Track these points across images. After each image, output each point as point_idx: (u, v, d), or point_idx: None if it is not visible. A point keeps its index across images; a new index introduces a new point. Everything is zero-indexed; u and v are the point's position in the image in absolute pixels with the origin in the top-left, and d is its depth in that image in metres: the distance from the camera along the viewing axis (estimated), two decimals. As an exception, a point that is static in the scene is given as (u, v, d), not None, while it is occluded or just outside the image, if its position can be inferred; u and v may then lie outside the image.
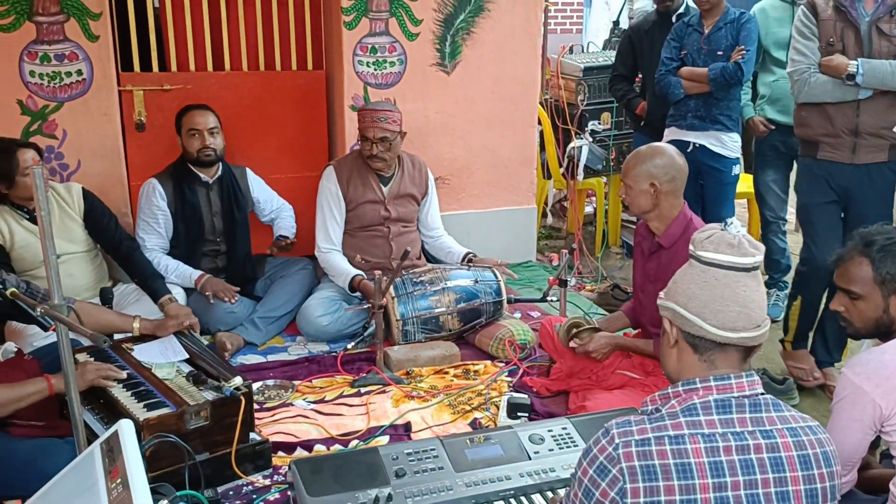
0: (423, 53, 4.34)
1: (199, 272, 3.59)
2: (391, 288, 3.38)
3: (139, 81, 4.00)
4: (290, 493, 2.39)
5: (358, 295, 3.62)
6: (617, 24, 6.20)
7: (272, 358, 3.46)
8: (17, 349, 2.93)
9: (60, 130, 3.79)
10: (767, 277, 4.34)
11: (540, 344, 3.44)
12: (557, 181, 5.27)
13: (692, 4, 4.16)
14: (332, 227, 3.74)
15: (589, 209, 5.91)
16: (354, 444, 2.76)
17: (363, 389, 3.15)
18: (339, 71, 4.28)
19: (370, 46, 4.23)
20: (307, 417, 2.94)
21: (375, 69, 4.27)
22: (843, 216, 3.38)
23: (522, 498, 2.19)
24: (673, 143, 3.96)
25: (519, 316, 3.85)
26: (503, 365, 3.36)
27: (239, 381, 2.50)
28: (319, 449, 2.72)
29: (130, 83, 3.97)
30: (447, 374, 3.30)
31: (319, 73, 4.39)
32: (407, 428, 2.87)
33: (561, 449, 2.35)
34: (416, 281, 3.49)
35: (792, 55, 3.33)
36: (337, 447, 2.74)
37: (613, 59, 4.83)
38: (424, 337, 3.47)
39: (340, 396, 3.11)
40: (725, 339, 1.48)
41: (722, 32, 3.83)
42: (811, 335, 3.52)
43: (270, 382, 3.17)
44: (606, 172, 5.20)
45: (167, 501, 1.84)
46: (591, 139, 5.04)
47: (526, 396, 2.92)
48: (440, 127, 4.45)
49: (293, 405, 3.03)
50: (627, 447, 1.41)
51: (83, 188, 3.45)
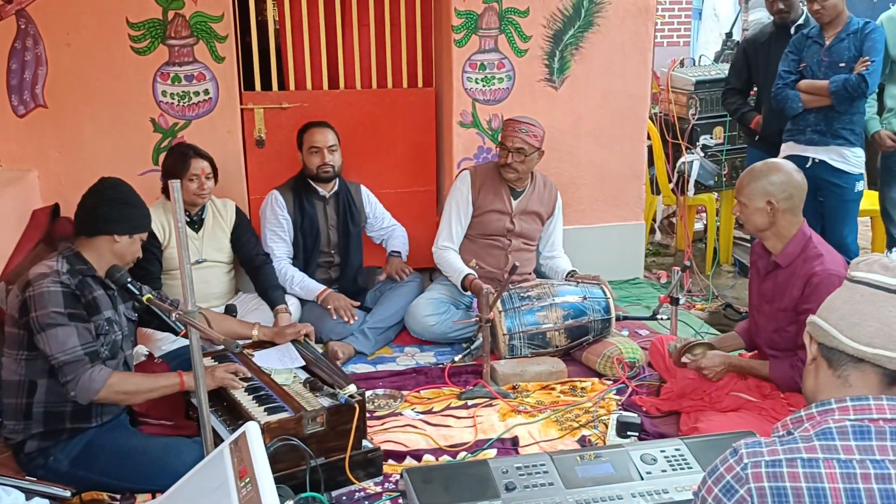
0: (531, 69, 4.37)
1: (321, 287, 3.73)
2: (499, 302, 3.40)
3: (260, 100, 4.19)
4: (401, 501, 2.44)
5: (467, 296, 3.68)
6: (730, 35, 6.05)
7: (381, 368, 3.54)
8: (148, 353, 3.12)
9: (188, 147, 4.02)
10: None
11: (650, 363, 3.38)
12: (666, 197, 5.18)
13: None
14: (455, 227, 3.83)
15: (698, 226, 5.76)
16: (462, 455, 2.79)
17: (470, 402, 3.18)
18: (448, 88, 4.35)
19: (479, 63, 4.29)
20: (416, 427, 2.99)
21: (484, 85, 4.32)
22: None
23: (634, 518, 2.16)
24: (791, 158, 3.82)
25: (627, 334, 3.80)
26: (611, 383, 3.32)
27: (353, 388, 2.58)
28: (428, 459, 2.77)
29: (252, 102, 4.17)
30: (554, 389, 3.29)
31: (429, 90, 4.48)
32: (514, 442, 2.88)
33: (674, 470, 2.30)
34: (523, 296, 3.50)
35: None
36: (445, 458, 2.77)
37: (726, 72, 4.71)
38: (531, 352, 3.48)
39: (448, 408, 3.15)
40: (860, 353, 1.42)
41: (844, 44, 3.68)
42: None
43: (380, 392, 3.25)
44: (718, 188, 5.07)
45: (291, 502, 1.91)
46: (702, 154, 4.93)
47: (636, 415, 2.88)
48: (548, 142, 4.40)
49: (402, 415, 3.09)
50: (757, 468, 1.37)
51: (236, 206, 3.72)
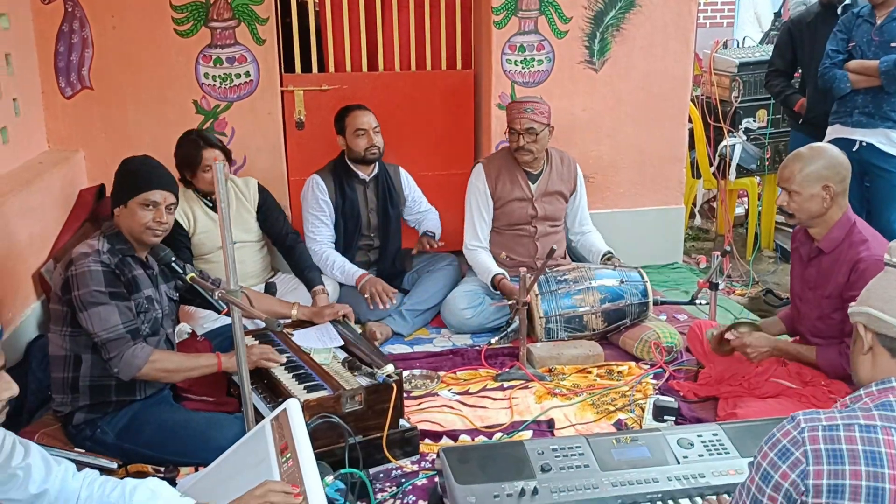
0: (571, 51, 4.33)
1: (361, 271, 3.75)
2: (535, 285, 3.40)
3: (300, 82, 4.22)
4: (437, 479, 2.46)
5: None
6: (778, 15, 5.92)
7: (418, 349, 3.57)
8: (191, 330, 3.19)
9: (230, 128, 4.07)
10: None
11: (688, 347, 3.36)
12: (707, 181, 5.11)
13: (861, -6, 3.92)
14: (479, 224, 3.80)
15: (739, 210, 5.67)
16: (498, 436, 2.81)
17: (506, 384, 3.19)
18: (487, 69, 4.34)
19: (518, 45, 4.27)
20: (452, 408, 3.01)
21: (523, 67, 4.30)
22: None
23: (670, 502, 2.15)
24: (836, 141, 3.76)
25: (665, 318, 3.77)
26: (648, 367, 3.30)
27: (391, 368, 2.61)
28: (464, 439, 2.79)
29: (292, 84, 4.20)
30: (590, 373, 3.29)
31: (468, 72, 4.47)
32: (550, 424, 2.89)
33: (711, 455, 2.28)
34: (560, 279, 3.50)
35: None
36: (481, 438, 2.79)
37: (770, 53, 4.62)
38: (567, 335, 3.47)
39: (484, 389, 3.17)
40: None
41: (896, 23, 3.59)
42: None
43: (417, 372, 3.27)
44: (761, 172, 4.99)
45: (331, 477, 1.95)
46: (744, 137, 4.85)
47: (673, 400, 2.87)
48: (586, 124, 4.42)
49: (438, 395, 3.11)
50: (814, 431, 1.39)
51: (258, 183, 3.71)
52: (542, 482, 2.17)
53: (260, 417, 2.42)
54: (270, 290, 3.23)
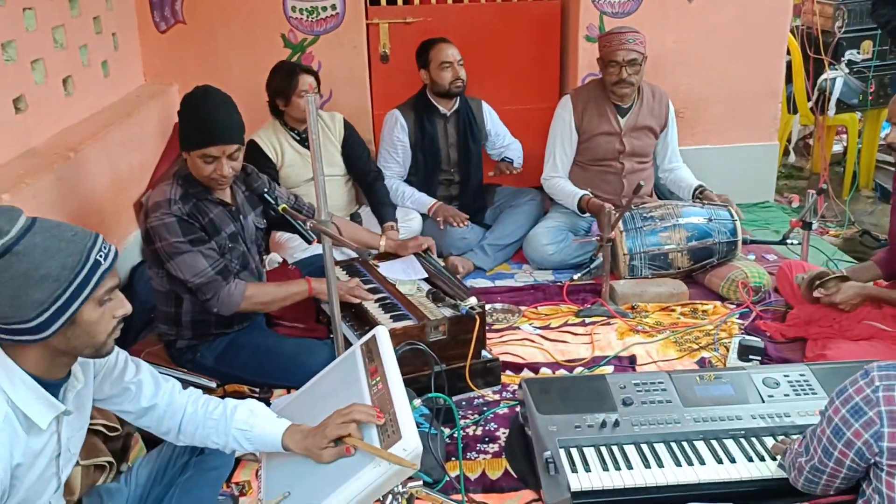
0: (664, -21, 4.16)
1: (433, 200, 3.79)
2: (620, 222, 3.36)
3: (385, 15, 4.21)
4: (518, 409, 2.51)
5: (585, 219, 3.64)
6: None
7: (499, 283, 3.61)
8: (281, 259, 3.30)
9: (316, 62, 4.11)
10: None
11: (776, 288, 3.28)
12: (804, 116, 4.88)
13: None
14: (560, 156, 3.77)
15: (837, 148, 5.41)
16: (579, 370, 2.84)
17: (588, 320, 3.21)
18: (574, 0, 4.22)
19: (609, -27, 4.13)
20: (533, 342, 3.05)
21: (613, -3, 4.16)
22: None
23: (753, 439, 2.15)
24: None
25: (753, 258, 3.68)
26: (735, 307, 3.25)
27: (474, 301, 2.66)
28: (545, 372, 2.84)
29: (377, 17, 4.20)
30: (674, 311, 3.27)
31: (555, 2, 4.35)
32: (632, 360, 2.90)
33: (798, 395, 2.26)
34: (646, 216, 3.45)
35: None
36: (562, 372, 2.83)
37: (881, -21, 4.32)
38: (652, 273, 3.44)
39: (565, 325, 3.19)
40: None
41: None
42: None
43: (498, 306, 3.32)
44: (863, 107, 4.73)
45: (419, 401, 2.02)
46: (846, 70, 4.60)
47: (759, 340, 2.83)
48: (678, 57, 4.27)
49: (520, 329, 3.15)
50: (889, 391, 1.35)
51: (344, 118, 3.75)
52: (623, 415, 2.20)
53: (348, 344, 2.51)
54: (355, 221, 3.29)
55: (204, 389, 2.39)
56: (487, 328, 3.06)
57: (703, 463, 2.07)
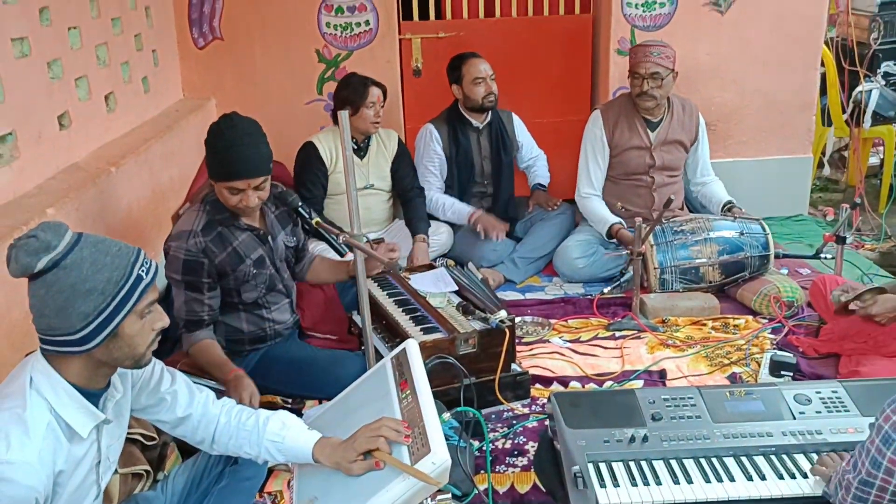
0: (695, -8, 4.16)
1: (472, 209, 3.82)
2: (651, 236, 3.36)
3: (418, 30, 4.27)
4: (547, 423, 2.52)
5: (615, 241, 3.66)
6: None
7: (530, 296, 3.62)
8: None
9: (350, 77, 4.17)
10: None
11: (809, 302, 3.25)
12: (839, 128, 4.83)
13: None
14: (594, 172, 3.78)
15: (873, 160, 5.34)
16: (609, 384, 2.84)
17: (618, 333, 3.21)
18: (606, 14, 4.24)
19: (640, -13, 4.14)
20: (563, 355, 3.06)
21: (644, 10, 4.17)
22: None
23: (784, 456, 2.13)
24: None
25: (786, 272, 3.65)
26: (767, 321, 3.23)
27: (504, 314, 2.67)
28: (575, 385, 2.84)
29: (410, 31, 4.25)
30: (705, 325, 3.25)
31: (586, 16, 4.38)
32: (662, 375, 2.89)
33: (830, 412, 2.23)
34: (676, 230, 3.44)
35: None
36: (592, 386, 2.83)
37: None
38: (683, 287, 3.43)
39: (595, 338, 3.19)
40: None
41: None
42: None
43: (528, 319, 3.33)
44: (900, 119, 4.68)
45: (449, 414, 2.05)
46: (883, 82, 4.55)
47: (791, 355, 2.81)
48: (711, 69, 4.26)
49: (549, 342, 3.16)
50: None
51: (399, 137, 3.83)
52: (652, 430, 2.20)
53: (378, 356, 2.55)
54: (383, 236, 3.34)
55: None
56: (517, 341, 3.08)
57: (732, 479, 2.06)
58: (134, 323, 1.52)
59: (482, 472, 2.33)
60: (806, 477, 2.04)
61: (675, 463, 2.12)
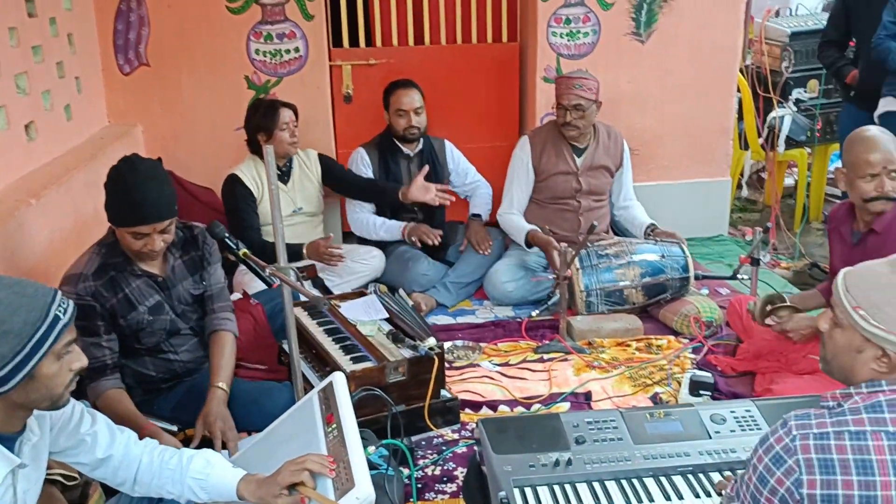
0: (617, 23, 4.31)
1: (404, 223, 3.87)
2: (577, 260, 3.46)
3: (348, 57, 4.30)
4: (476, 448, 2.57)
5: (541, 256, 3.72)
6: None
7: (461, 320, 3.67)
8: (243, 292, 3.31)
9: (279, 103, 4.17)
10: None
11: (727, 322, 3.39)
12: (755, 152, 5.05)
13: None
14: (517, 194, 3.87)
15: (789, 181, 5.60)
16: (536, 407, 2.91)
17: (546, 356, 3.28)
18: (532, 42, 4.35)
19: (564, 17, 4.26)
20: (492, 379, 3.11)
21: (569, 40, 4.30)
22: None
23: (701, 475, 2.21)
24: (889, 114, 3.71)
25: (706, 292, 3.79)
26: (687, 341, 3.35)
27: (433, 341, 2.71)
28: (503, 409, 2.89)
29: (340, 58, 4.29)
30: (629, 346, 3.35)
31: (513, 45, 4.49)
32: (587, 396, 2.97)
33: (743, 430, 2.33)
34: (601, 253, 3.54)
35: None
36: (520, 409, 2.89)
37: (824, 22, 4.52)
38: (608, 309, 3.53)
39: (524, 361, 3.26)
40: None
41: (955, -7, 3.49)
42: None
43: (459, 343, 3.38)
44: (811, 143, 4.91)
45: (373, 448, 2.07)
46: (794, 108, 4.78)
47: (710, 375, 2.92)
48: (632, 97, 4.41)
49: (480, 366, 3.21)
50: (805, 440, 1.42)
51: (319, 153, 3.84)
52: (576, 453, 2.25)
53: (308, 385, 2.56)
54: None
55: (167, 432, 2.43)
56: (448, 366, 3.12)
57: (651, 500, 2.13)
58: (51, 364, 1.51)
59: (412, 500, 2.35)
60: (720, 495, 2.13)
61: (597, 485, 2.18)
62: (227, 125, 4.15)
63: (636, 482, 2.19)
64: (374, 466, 2.17)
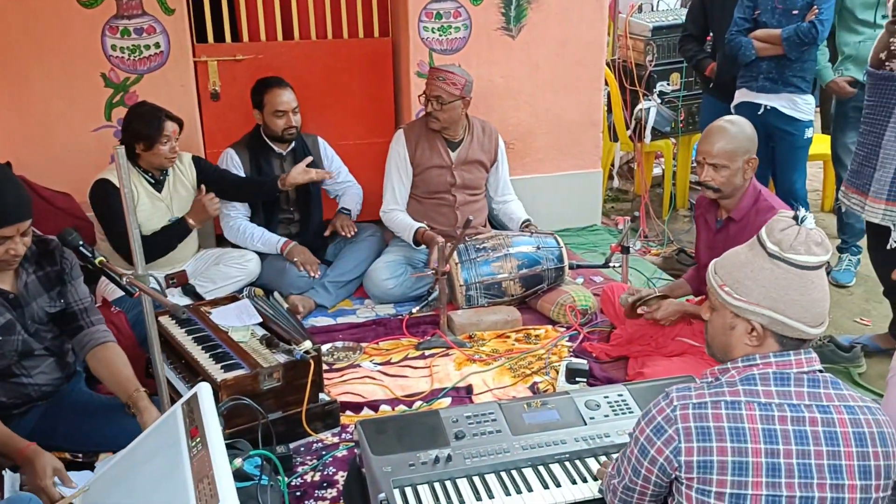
0: (487, 18, 4.34)
1: (284, 239, 3.74)
2: (455, 254, 3.46)
3: (213, 52, 4.14)
4: (356, 450, 2.52)
5: (422, 252, 3.72)
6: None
7: (341, 320, 3.60)
8: (102, 299, 3.13)
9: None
10: (840, 241, 4.24)
11: (601, 309, 3.48)
12: (624, 143, 5.23)
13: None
14: (398, 189, 3.84)
15: (657, 171, 5.84)
16: (418, 404, 2.89)
17: (427, 352, 3.27)
18: (404, 37, 4.32)
19: (435, 12, 4.26)
20: (374, 379, 3.07)
21: (440, 35, 4.30)
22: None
23: (577, 462, 2.26)
24: (743, 105, 3.91)
25: (581, 281, 3.89)
26: (564, 330, 3.42)
27: (308, 345, 2.64)
28: (385, 409, 2.86)
29: (205, 54, 4.12)
30: (509, 338, 3.39)
31: (386, 40, 4.45)
32: (469, 390, 2.98)
33: (616, 415, 2.40)
34: (479, 247, 3.57)
35: None
36: (401, 408, 2.86)
37: (684, 17, 4.73)
38: (487, 302, 3.56)
39: (406, 359, 3.23)
40: (815, 335, 1.54)
41: (798, -10, 3.71)
42: None
43: (339, 344, 3.32)
44: (675, 134, 5.12)
45: (240, 460, 1.98)
46: (659, 101, 4.97)
47: (585, 362, 2.98)
48: (505, 91, 4.46)
49: (361, 366, 3.17)
50: (685, 409, 1.49)
51: (193, 155, 3.65)
52: (455, 449, 2.25)
53: (178, 396, 2.43)
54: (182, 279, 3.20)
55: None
56: (328, 368, 3.06)
57: (530, 490, 2.15)
58: None
59: (290, 509, 2.28)
60: (596, 480, 2.17)
61: (477, 479, 2.18)
62: (84, 126, 3.91)
63: (515, 473, 2.21)
64: (249, 478, 2.09)
